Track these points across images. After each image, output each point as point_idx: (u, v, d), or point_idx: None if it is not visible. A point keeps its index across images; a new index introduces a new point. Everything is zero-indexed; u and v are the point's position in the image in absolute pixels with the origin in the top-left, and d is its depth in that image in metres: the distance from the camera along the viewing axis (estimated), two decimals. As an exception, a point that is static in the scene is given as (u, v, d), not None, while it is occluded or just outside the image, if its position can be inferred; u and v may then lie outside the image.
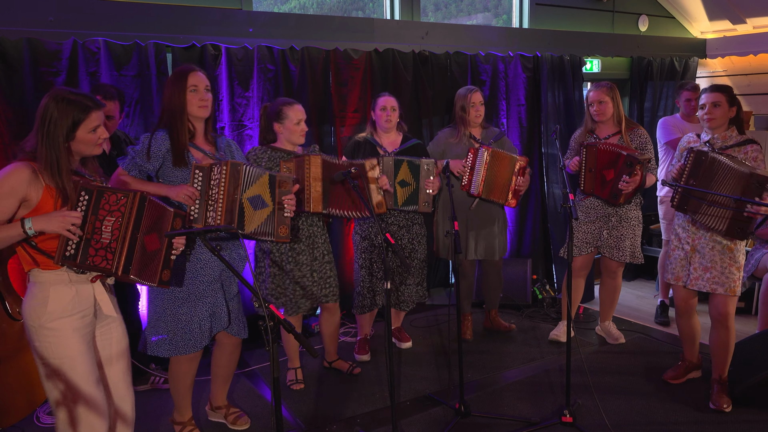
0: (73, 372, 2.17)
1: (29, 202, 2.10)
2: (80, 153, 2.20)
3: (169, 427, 3.06)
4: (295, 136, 3.24)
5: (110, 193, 2.17)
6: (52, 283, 2.16)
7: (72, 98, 2.13)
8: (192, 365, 2.85)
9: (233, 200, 2.57)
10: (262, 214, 2.71)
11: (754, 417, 3.07)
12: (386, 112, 3.66)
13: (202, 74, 2.70)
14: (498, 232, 4.05)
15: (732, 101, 3.11)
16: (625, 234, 3.80)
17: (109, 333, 2.36)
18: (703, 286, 3.14)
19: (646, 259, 5.55)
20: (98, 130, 2.19)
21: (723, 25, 5.81)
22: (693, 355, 3.45)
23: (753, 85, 5.81)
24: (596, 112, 3.74)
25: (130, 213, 2.15)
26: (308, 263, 3.31)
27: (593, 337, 4.19)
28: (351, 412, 3.21)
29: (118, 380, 2.39)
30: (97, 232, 2.14)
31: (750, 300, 4.60)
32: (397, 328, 4.13)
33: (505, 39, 4.96)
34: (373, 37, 4.39)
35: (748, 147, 3.07)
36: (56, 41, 3.34)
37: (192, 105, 2.65)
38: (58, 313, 2.15)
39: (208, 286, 2.73)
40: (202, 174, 2.58)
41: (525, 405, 3.27)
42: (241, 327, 2.91)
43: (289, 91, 4.03)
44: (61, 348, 2.15)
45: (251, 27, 3.93)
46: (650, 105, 5.62)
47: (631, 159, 3.47)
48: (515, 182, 3.77)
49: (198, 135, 2.74)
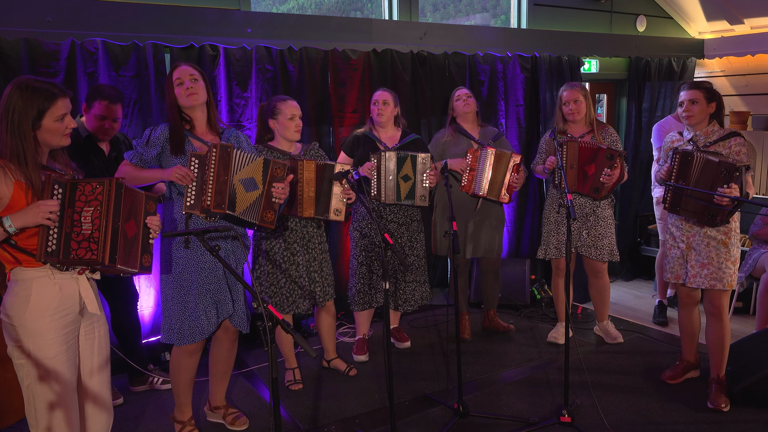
0: (51, 374, 2.10)
1: (2, 200, 2.03)
2: (48, 143, 2.13)
3: (165, 427, 3.06)
4: (289, 132, 3.25)
5: (84, 184, 2.12)
6: (35, 279, 2.09)
7: (37, 86, 2.06)
8: (192, 359, 2.86)
9: (223, 181, 2.59)
10: (251, 197, 2.73)
11: (752, 417, 3.07)
12: (377, 106, 3.68)
13: (187, 66, 2.73)
14: (496, 230, 4.06)
15: (711, 97, 3.13)
16: (603, 233, 3.85)
17: (93, 334, 2.28)
18: (702, 283, 3.15)
19: (644, 259, 5.60)
20: (65, 119, 2.12)
21: (721, 25, 5.82)
22: (691, 354, 3.46)
23: (751, 86, 5.82)
24: (571, 112, 3.78)
25: (108, 201, 2.09)
26: (304, 263, 3.32)
27: (591, 337, 4.19)
28: (349, 413, 3.21)
29: (95, 396, 2.31)
30: (77, 225, 2.08)
31: (748, 300, 4.61)
32: (396, 328, 4.13)
33: (503, 39, 4.96)
34: (371, 37, 4.39)
35: (732, 140, 3.08)
36: (54, 41, 3.33)
37: (180, 98, 2.69)
38: (40, 312, 2.08)
39: (211, 273, 2.75)
40: (198, 161, 2.62)
41: (523, 405, 3.27)
42: (243, 320, 2.90)
43: (288, 92, 4.03)
44: (41, 349, 2.09)
45: (249, 27, 3.93)
46: (648, 105, 5.63)
47: (611, 151, 3.58)
48: (509, 179, 3.80)
49: (198, 126, 2.77)
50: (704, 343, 3.35)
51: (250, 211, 2.73)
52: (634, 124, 5.58)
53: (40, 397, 2.12)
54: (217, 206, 2.58)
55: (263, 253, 3.31)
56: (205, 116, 2.79)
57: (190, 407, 2.98)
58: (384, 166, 3.54)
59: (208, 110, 2.80)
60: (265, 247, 3.30)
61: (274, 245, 3.30)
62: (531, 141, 4.98)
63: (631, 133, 5.59)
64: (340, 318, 4.46)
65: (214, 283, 2.77)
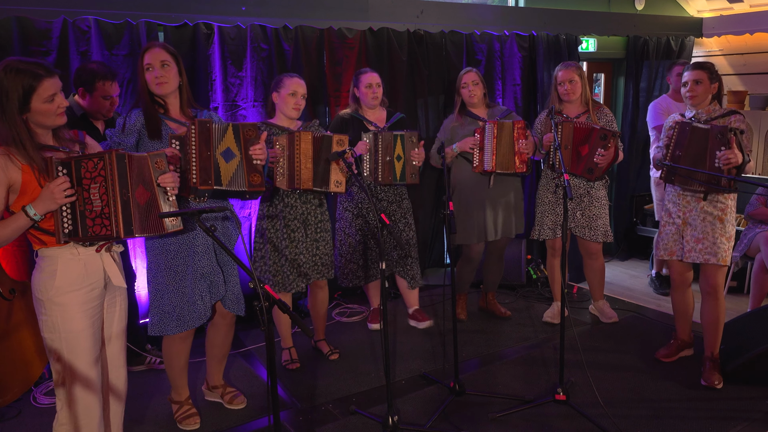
0: (76, 348, 2.18)
1: (14, 186, 2.06)
2: (42, 124, 2.11)
3: (164, 405, 3.09)
4: (288, 108, 3.24)
5: (86, 160, 2.11)
6: (60, 257, 2.15)
7: (21, 67, 2.02)
8: (185, 344, 2.86)
9: (206, 157, 2.55)
10: (232, 166, 2.67)
11: (744, 394, 3.11)
12: (372, 89, 3.65)
13: (158, 49, 2.60)
14: (514, 210, 3.99)
15: (713, 78, 3.16)
16: (598, 214, 3.85)
17: (114, 307, 2.37)
18: (697, 258, 3.18)
19: (639, 239, 5.62)
20: (56, 99, 2.08)
21: (720, 3, 5.77)
22: (685, 333, 3.49)
23: (749, 65, 5.79)
24: (566, 92, 3.76)
25: (111, 174, 2.09)
26: (302, 240, 3.32)
27: (587, 316, 4.22)
28: (346, 391, 3.24)
29: (114, 358, 2.42)
30: (88, 202, 2.10)
31: (742, 279, 4.64)
32: (417, 310, 4.05)
33: (500, 18, 4.91)
34: (367, 15, 4.34)
35: (732, 117, 3.13)
36: (46, 19, 3.28)
37: (151, 84, 2.60)
38: (66, 288, 2.15)
39: (204, 256, 2.73)
40: (179, 142, 2.56)
41: (519, 383, 3.30)
42: (237, 303, 2.89)
43: (283, 71, 3.99)
44: (66, 323, 2.16)
45: (244, 5, 3.88)
46: (646, 85, 5.60)
47: (604, 132, 3.57)
48: (518, 146, 3.71)
49: (172, 109, 2.70)
50: (698, 322, 3.38)
51: (234, 180, 2.67)
52: (632, 104, 5.56)
53: (67, 371, 2.19)
54: (203, 183, 2.55)
55: (263, 233, 3.31)
56: (178, 100, 2.71)
57: (187, 388, 2.99)
58: (380, 146, 3.52)
59: (181, 94, 2.70)
60: (266, 225, 3.31)
61: (274, 224, 3.30)
62: (528, 121, 4.94)
63: (628, 112, 5.56)
64: (336, 298, 4.48)
65: (207, 267, 2.74)
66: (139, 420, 3.00)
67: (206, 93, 3.82)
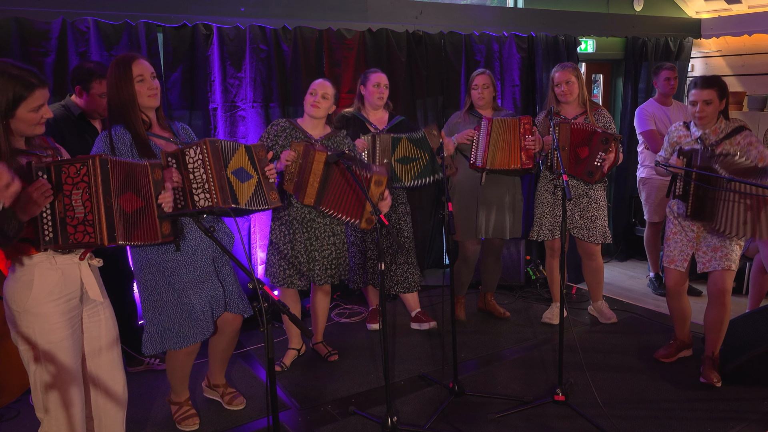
0: (55, 359, 2.09)
1: None
2: (21, 132, 2.02)
3: (163, 406, 3.08)
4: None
5: (68, 165, 2.04)
6: (37, 265, 2.07)
7: (14, 73, 1.94)
8: (191, 358, 2.84)
9: (222, 176, 2.50)
10: (250, 186, 2.64)
11: (743, 395, 3.11)
12: (380, 89, 3.65)
13: (145, 61, 2.54)
14: (510, 210, 3.99)
15: (722, 95, 3.08)
16: (596, 215, 3.85)
17: (98, 316, 2.28)
18: (716, 266, 3.14)
19: (638, 240, 5.62)
20: (41, 110, 2.00)
21: (718, 4, 5.77)
22: (684, 334, 3.49)
23: (747, 66, 5.80)
24: (563, 93, 3.75)
25: (95, 180, 2.03)
26: (302, 241, 3.32)
27: (586, 317, 4.22)
28: (345, 392, 3.24)
29: (109, 368, 2.33)
30: (69, 209, 2.03)
31: (741, 280, 4.64)
32: (419, 312, 4.02)
33: (499, 19, 4.92)
34: (366, 16, 4.34)
35: (738, 136, 3.07)
36: (45, 20, 3.28)
37: (142, 96, 2.51)
38: (44, 298, 2.07)
39: (204, 270, 2.69)
40: (175, 160, 2.48)
41: (518, 384, 3.30)
42: (242, 304, 2.86)
43: (283, 72, 4.00)
44: (45, 334, 2.08)
45: (243, 6, 3.88)
46: (644, 86, 5.60)
47: (606, 135, 3.54)
48: (523, 142, 3.68)
49: (154, 124, 2.63)
50: (697, 323, 3.38)
51: (255, 199, 2.64)
52: (630, 105, 5.56)
53: (47, 382, 2.11)
54: (224, 202, 2.47)
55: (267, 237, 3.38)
56: (156, 114, 2.64)
57: (187, 390, 2.99)
58: (378, 148, 3.52)
59: (158, 107, 2.65)
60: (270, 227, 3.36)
61: (275, 226, 3.35)
62: (528, 121, 4.96)
63: (627, 113, 5.57)
64: (336, 299, 4.48)
65: (207, 281, 2.71)
66: (139, 421, 2.99)
67: (205, 94, 3.82)
